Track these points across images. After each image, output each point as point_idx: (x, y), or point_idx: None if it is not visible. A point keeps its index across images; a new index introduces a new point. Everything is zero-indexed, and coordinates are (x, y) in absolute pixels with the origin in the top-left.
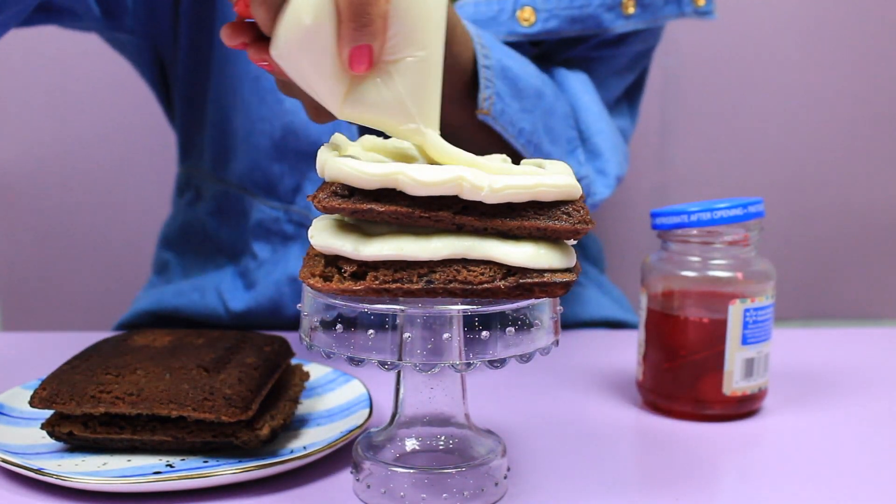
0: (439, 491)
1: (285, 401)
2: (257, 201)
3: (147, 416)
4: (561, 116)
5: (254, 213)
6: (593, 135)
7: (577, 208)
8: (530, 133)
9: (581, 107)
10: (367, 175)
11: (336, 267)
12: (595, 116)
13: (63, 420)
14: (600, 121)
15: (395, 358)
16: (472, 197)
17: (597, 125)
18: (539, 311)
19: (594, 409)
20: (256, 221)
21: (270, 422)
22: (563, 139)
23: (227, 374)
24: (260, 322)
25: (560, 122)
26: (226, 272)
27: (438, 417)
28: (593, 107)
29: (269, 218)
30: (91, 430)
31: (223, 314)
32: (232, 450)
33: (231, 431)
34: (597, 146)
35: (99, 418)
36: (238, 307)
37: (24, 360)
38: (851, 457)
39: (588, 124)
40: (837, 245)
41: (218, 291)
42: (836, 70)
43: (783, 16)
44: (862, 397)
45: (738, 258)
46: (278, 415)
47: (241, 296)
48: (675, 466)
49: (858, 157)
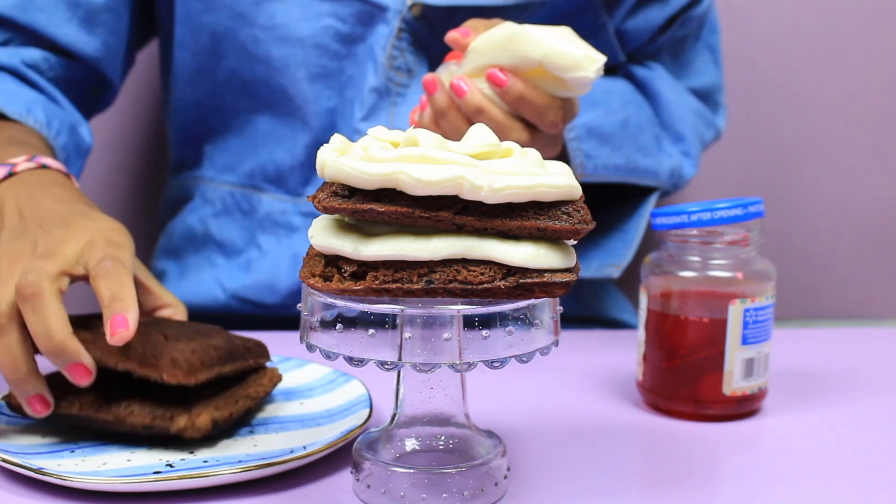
0: (439, 491)
1: (241, 396)
2: (265, 196)
3: (95, 386)
4: (647, 125)
5: (261, 208)
6: (675, 122)
7: (576, 208)
8: (625, 167)
9: (662, 102)
10: (368, 175)
11: (336, 267)
12: (675, 106)
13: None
14: (680, 108)
15: (395, 358)
16: (472, 197)
17: (678, 113)
18: (539, 311)
19: (594, 409)
20: (264, 214)
21: (213, 412)
22: (652, 144)
23: (183, 345)
24: (255, 298)
25: (647, 131)
26: (223, 268)
27: (438, 417)
28: (673, 97)
29: (277, 210)
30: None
31: (220, 295)
32: (177, 442)
33: (170, 416)
34: (680, 132)
35: (53, 391)
36: (234, 286)
37: None
38: (851, 457)
39: (670, 114)
40: (837, 245)
41: (216, 280)
42: (837, 70)
43: (783, 16)
44: (862, 397)
45: (738, 258)
46: (225, 406)
47: (239, 277)
48: (675, 466)
49: (858, 157)
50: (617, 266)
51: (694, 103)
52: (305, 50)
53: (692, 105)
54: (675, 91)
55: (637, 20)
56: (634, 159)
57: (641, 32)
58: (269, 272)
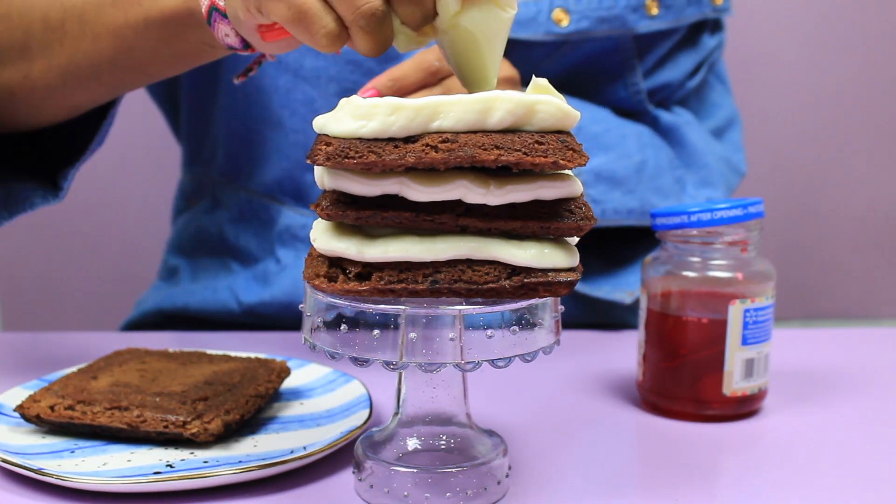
0: (442, 490)
1: (249, 396)
2: (285, 208)
3: (105, 396)
4: (667, 167)
5: (281, 220)
6: (702, 168)
7: (578, 205)
8: (640, 210)
9: (690, 148)
10: (368, 186)
11: (340, 268)
12: (703, 153)
13: (34, 403)
14: (708, 155)
15: (399, 358)
16: (474, 200)
17: (705, 160)
18: (541, 311)
19: (594, 409)
20: (284, 227)
21: (224, 416)
22: (673, 186)
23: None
24: (272, 315)
25: (667, 173)
26: (238, 276)
27: (440, 417)
28: (700, 144)
29: (298, 224)
30: (56, 413)
31: (235, 307)
32: (177, 442)
33: (182, 422)
34: (708, 178)
35: (66, 400)
36: (251, 300)
37: (24, 360)
38: (851, 457)
39: (697, 160)
40: (837, 245)
41: (231, 289)
42: (837, 70)
43: (784, 16)
44: (862, 397)
45: (738, 258)
46: (234, 410)
47: (255, 291)
48: (675, 466)
49: (858, 157)
50: (630, 293)
51: (721, 150)
52: (339, 64)
53: (719, 152)
54: (703, 138)
55: (667, 69)
56: (651, 202)
57: (672, 80)
58: (286, 289)
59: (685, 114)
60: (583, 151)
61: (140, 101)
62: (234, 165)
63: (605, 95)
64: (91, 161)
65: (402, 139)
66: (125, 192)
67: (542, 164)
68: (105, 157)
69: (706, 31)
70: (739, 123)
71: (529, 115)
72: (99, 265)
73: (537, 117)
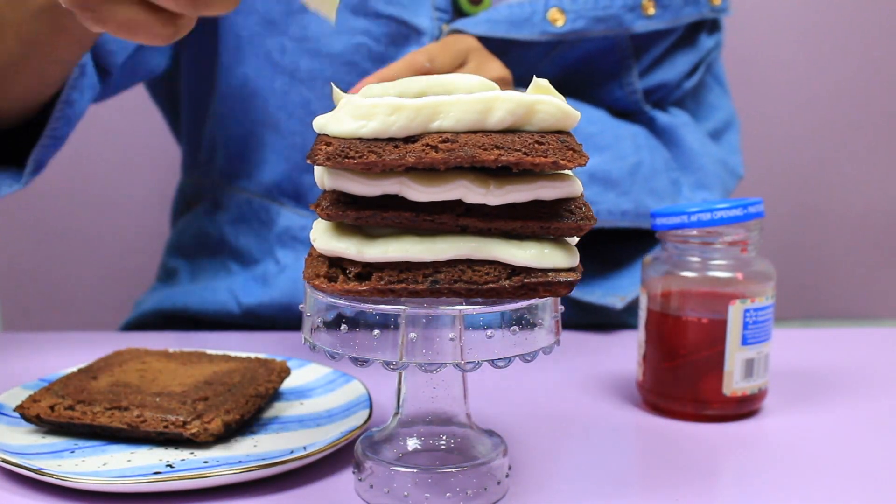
0: (442, 490)
1: (249, 396)
2: (285, 209)
3: (105, 396)
4: (662, 169)
5: (280, 221)
6: (698, 170)
7: (578, 205)
8: (634, 212)
9: (686, 150)
10: (368, 186)
11: (340, 268)
12: (699, 155)
13: (34, 403)
14: (704, 157)
15: (399, 358)
16: (474, 200)
17: (702, 161)
18: (541, 311)
19: (594, 409)
20: (283, 228)
21: (225, 416)
22: (668, 188)
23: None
24: (272, 317)
25: (662, 175)
26: (238, 277)
27: (440, 417)
28: (697, 146)
29: (297, 225)
30: (56, 413)
31: (234, 309)
32: (177, 442)
33: (182, 422)
34: (704, 180)
35: (65, 400)
36: (250, 301)
37: (24, 360)
38: (851, 457)
39: (693, 161)
40: (837, 245)
41: (230, 290)
42: (837, 70)
43: (783, 16)
44: (862, 397)
45: (738, 258)
46: (234, 410)
47: (255, 292)
48: (675, 466)
49: (858, 157)
50: (622, 298)
51: (718, 152)
52: (335, 66)
53: (716, 154)
54: (699, 140)
55: (664, 69)
56: (645, 204)
57: (668, 80)
58: (286, 291)
59: (682, 115)
60: (583, 151)
61: (140, 103)
62: (234, 167)
63: (601, 95)
64: (91, 162)
65: (402, 139)
66: (125, 192)
67: (543, 164)
68: (105, 157)
69: (704, 32)
70: (737, 126)
71: (529, 115)
72: (99, 266)
73: (537, 117)
